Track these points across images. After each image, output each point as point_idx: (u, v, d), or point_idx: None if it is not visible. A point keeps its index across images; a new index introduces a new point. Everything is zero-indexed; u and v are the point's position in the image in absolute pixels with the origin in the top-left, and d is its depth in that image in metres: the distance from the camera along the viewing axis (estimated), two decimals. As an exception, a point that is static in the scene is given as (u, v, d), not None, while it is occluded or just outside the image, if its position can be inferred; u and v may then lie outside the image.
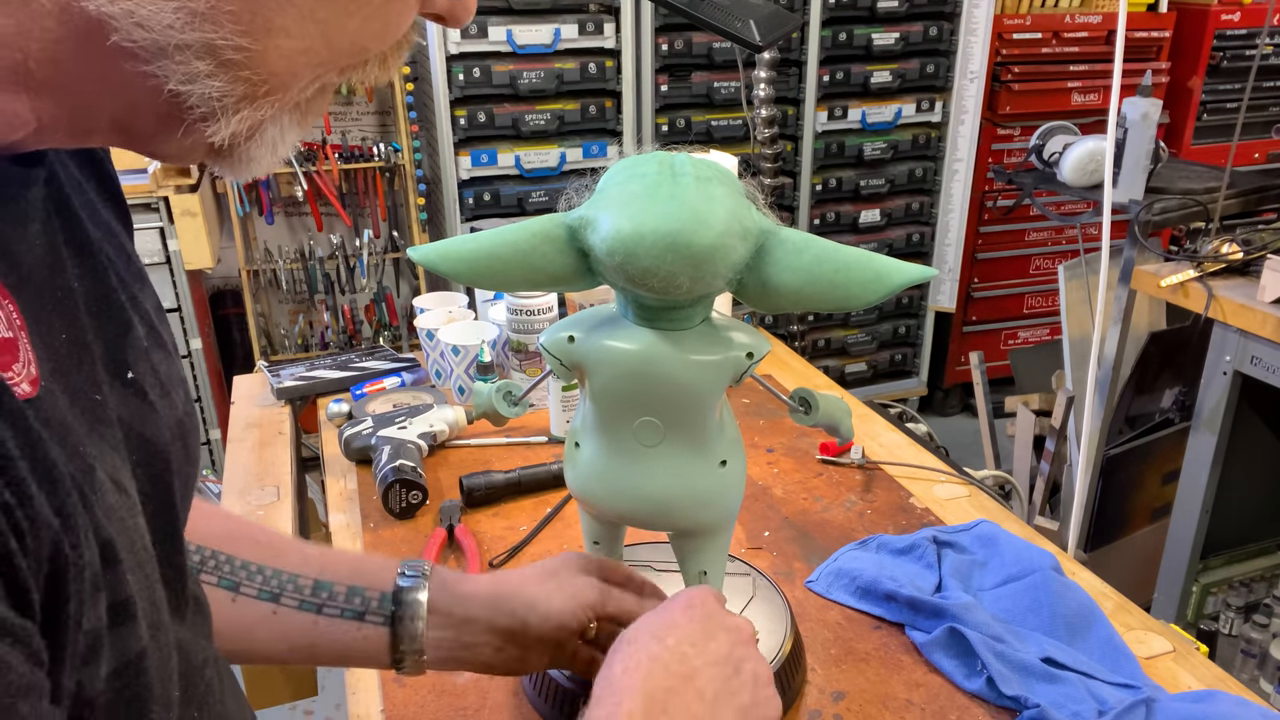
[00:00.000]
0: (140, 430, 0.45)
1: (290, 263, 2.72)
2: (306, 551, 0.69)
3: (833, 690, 0.84)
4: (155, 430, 0.46)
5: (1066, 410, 2.19)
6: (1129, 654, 0.87)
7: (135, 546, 0.40)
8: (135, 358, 0.46)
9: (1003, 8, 3.09)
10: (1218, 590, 2.04)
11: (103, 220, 0.49)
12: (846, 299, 0.64)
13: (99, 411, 0.41)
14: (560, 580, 0.71)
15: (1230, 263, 1.82)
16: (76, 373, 0.40)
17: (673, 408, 0.67)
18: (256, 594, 0.66)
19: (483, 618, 0.69)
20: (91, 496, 0.37)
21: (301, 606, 0.67)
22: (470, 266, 0.66)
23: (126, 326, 0.47)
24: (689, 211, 0.59)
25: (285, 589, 0.66)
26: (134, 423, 0.44)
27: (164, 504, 0.46)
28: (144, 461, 0.44)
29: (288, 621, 0.66)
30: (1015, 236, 3.39)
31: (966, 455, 2.93)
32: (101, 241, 0.47)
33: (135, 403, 0.45)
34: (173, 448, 0.47)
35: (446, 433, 1.25)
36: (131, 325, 0.47)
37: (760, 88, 1.88)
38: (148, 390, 0.46)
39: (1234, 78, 3.33)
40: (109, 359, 0.44)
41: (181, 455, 0.48)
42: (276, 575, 0.67)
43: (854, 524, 1.09)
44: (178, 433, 0.48)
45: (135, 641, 0.38)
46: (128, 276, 0.49)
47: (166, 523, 0.47)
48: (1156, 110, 2.03)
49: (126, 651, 0.38)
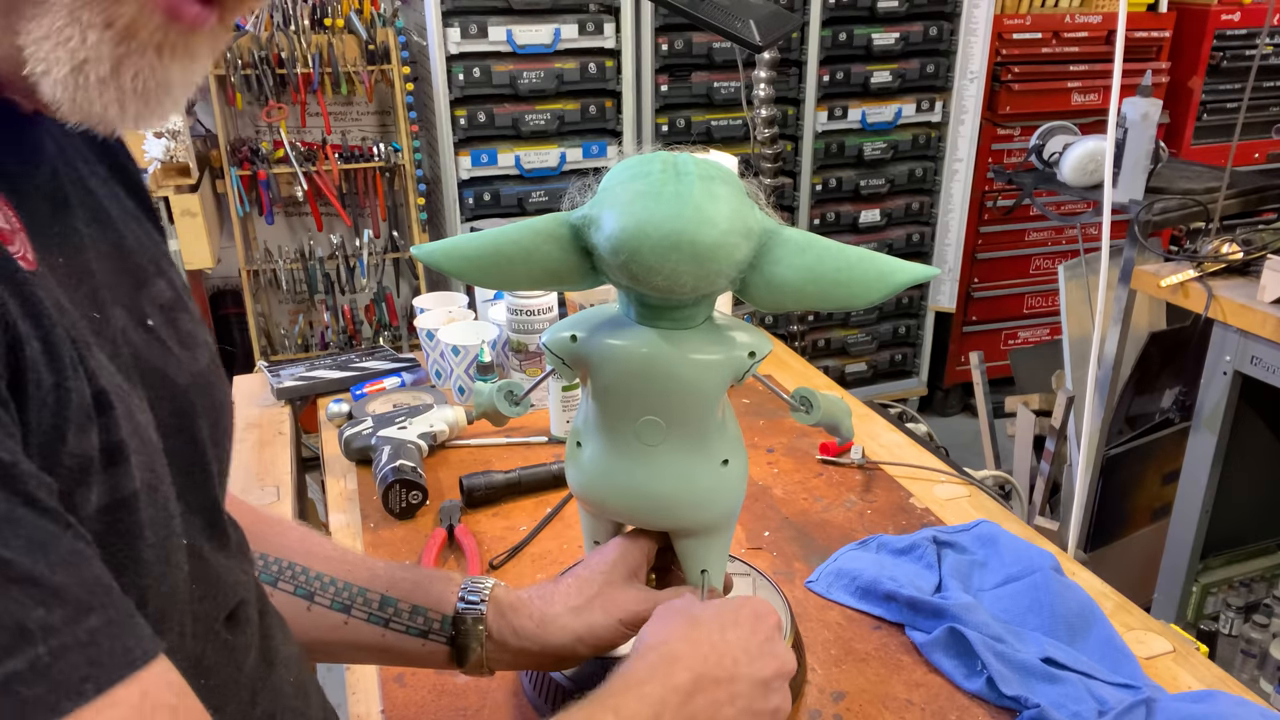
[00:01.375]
0: (159, 367, 0.48)
1: (290, 263, 2.72)
2: (374, 567, 0.73)
3: (833, 690, 0.84)
4: (175, 371, 0.49)
5: (1066, 410, 2.19)
6: (1129, 654, 0.87)
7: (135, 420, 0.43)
8: (152, 310, 0.50)
9: (1003, 8, 3.09)
10: (1218, 590, 2.04)
11: (125, 206, 0.53)
12: (849, 298, 0.64)
13: (98, 325, 0.44)
14: (604, 600, 0.70)
15: (1230, 263, 1.82)
16: (75, 289, 0.43)
17: (675, 406, 0.67)
18: (329, 604, 0.70)
19: (535, 649, 0.71)
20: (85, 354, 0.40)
21: (370, 619, 0.71)
22: (474, 264, 0.66)
23: (143, 281, 0.50)
24: (693, 210, 0.59)
25: (355, 601, 0.71)
26: (152, 360, 0.48)
27: (188, 438, 0.50)
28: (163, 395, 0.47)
29: (358, 631, 0.71)
30: (1015, 236, 3.39)
31: (966, 455, 2.93)
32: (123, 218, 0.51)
33: (155, 346, 0.48)
34: (194, 391, 0.50)
35: (446, 433, 1.25)
36: (148, 281, 0.51)
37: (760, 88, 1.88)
38: (166, 339, 0.50)
39: (1234, 78, 3.33)
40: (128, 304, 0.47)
41: (206, 401, 0.52)
42: (348, 588, 0.71)
43: (854, 524, 1.09)
44: (200, 381, 0.52)
45: (127, 482, 0.41)
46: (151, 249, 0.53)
47: (193, 456, 0.50)
48: (1156, 110, 2.03)
49: (117, 490, 0.40)
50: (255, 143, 2.61)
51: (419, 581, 0.73)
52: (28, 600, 0.32)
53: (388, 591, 0.72)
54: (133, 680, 0.34)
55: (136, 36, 0.40)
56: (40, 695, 0.31)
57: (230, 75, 2.44)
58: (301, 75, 2.50)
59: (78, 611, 0.33)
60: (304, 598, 0.70)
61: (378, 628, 0.71)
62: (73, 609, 0.33)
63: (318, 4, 2.49)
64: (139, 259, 0.51)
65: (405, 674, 0.85)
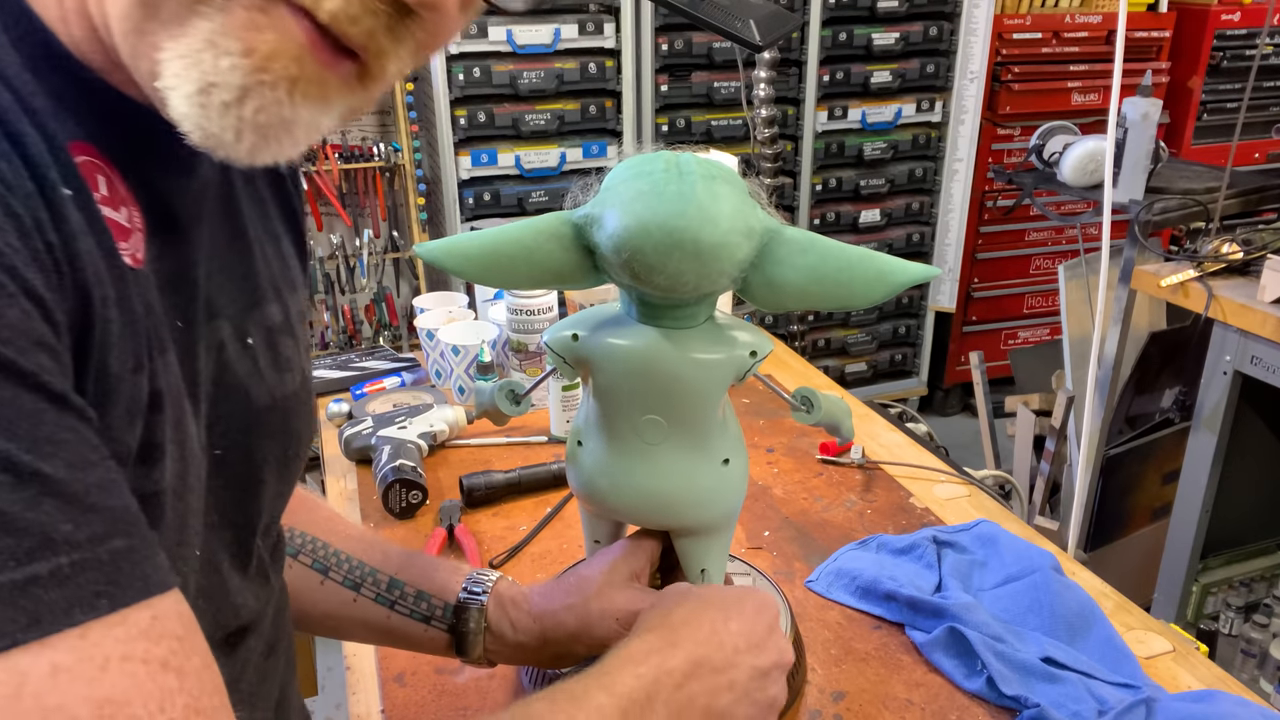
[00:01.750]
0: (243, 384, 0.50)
1: (290, 262, 2.72)
2: (389, 550, 0.76)
3: (833, 690, 0.84)
4: (258, 391, 0.51)
5: (1066, 410, 2.19)
6: (1129, 654, 0.87)
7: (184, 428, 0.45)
8: (256, 330, 0.52)
9: (1003, 8, 3.09)
10: (1218, 590, 2.04)
11: (270, 226, 0.57)
12: (850, 298, 0.64)
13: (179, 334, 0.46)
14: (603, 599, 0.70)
15: (1230, 263, 1.82)
16: (170, 295, 0.45)
17: (676, 406, 0.67)
18: (342, 581, 0.73)
19: (533, 644, 0.72)
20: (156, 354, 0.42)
21: (377, 599, 0.73)
22: (476, 263, 0.66)
23: (257, 301, 0.53)
24: (695, 209, 0.59)
25: (365, 581, 0.73)
26: (239, 376, 0.50)
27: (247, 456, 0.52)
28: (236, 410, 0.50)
29: (365, 610, 0.73)
30: (1015, 236, 3.39)
31: (966, 455, 2.93)
32: (262, 238, 0.54)
33: (247, 364, 0.51)
34: (271, 414, 0.53)
35: (446, 433, 1.25)
36: (262, 303, 0.54)
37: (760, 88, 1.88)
38: (259, 359, 0.52)
39: (1234, 78, 3.33)
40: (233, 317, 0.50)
41: (281, 425, 0.54)
42: (360, 567, 0.73)
43: (854, 524, 1.09)
44: (281, 405, 0.54)
45: (155, 482, 0.43)
46: (278, 275, 0.56)
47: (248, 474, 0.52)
48: (1156, 110, 2.03)
49: (143, 486, 0.42)
50: (255, 142, 2.60)
51: (427, 568, 0.75)
52: (58, 514, 0.34)
53: (397, 574, 0.73)
54: (145, 605, 0.36)
55: (270, 69, 0.40)
56: (56, 600, 0.33)
57: (230, 75, 2.43)
58: (301, 75, 2.49)
59: (104, 533, 0.35)
60: (319, 571, 0.73)
61: (384, 608, 0.73)
62: (100, 529, 0.35)
63: (318, 4, 2.49)
64: (261, 280, 0.54)
65: (405, 674, 0.85)
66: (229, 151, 0.41)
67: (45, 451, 0.34)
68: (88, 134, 0.42)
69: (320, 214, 2.76)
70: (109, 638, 0.34)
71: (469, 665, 0.74)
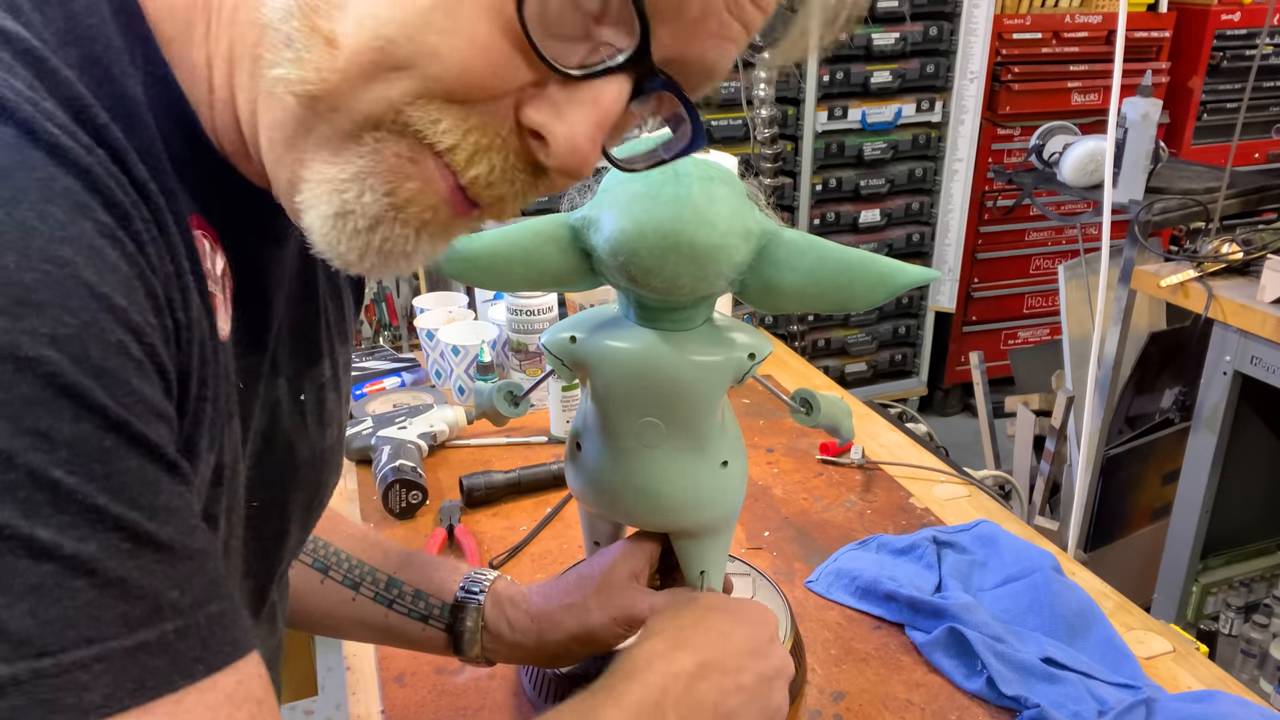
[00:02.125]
0: (291, 440, 0.52)
1: (290, 263, 2.72)
2: (388, 549, 0.76)
3: (833, 690, 0.84)
4: (302, 446, 0.53)
5: (1066, 410, 2.19)
6: (1129, 654, 0.87)
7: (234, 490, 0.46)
8: (309, 387, 0.54)
9: (1003, 8, 3.09)
10: (1218, 590, 2.04)
11: (337, 283, 0.58)
12: (849, 300, 0.64)
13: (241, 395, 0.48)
14: (601, 599, 0.70)
15: (1230, 263, 1.82)
16: (241, 359, 0.47)
17: (674, 408, 0.67)
18: (341, 580, 0.73)
19: (530, 644, 0.72)
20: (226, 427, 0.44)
21: (376, 598, 0.73)
22: (473, 266, 0.66)
23: (314, 359, 0.55)
24: (692, 211, 0.59)
25: (364, 580, 0.73)
26: (290, 432, 0.52)
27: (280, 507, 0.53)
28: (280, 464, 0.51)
29: (364, 609, 0.73)
30: (1015, 236, 3.39)
31: (966, 455, 2.93)
32: (326, 294, 0.56)
33: (297, 420, 0.53)
34: (307, 466, 0.55)
35: (446, 433, 1.25)
36: (319, 363, 0.55)
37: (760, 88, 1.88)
38: (308, 415, 0.54)
39: (1234, 78, 3.33)
40: (293, 377, 0.52)
41: (314, 476, 0.56)
42: (360, 566, 0.74)
43: (854, 524, 1.09)
44: (318, 459, 0.56)
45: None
46: (334, 330, 0.58)
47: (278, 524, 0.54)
48: (1156, 110, 2.03)
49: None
50: (255, 143, 2.61)
51: (426, 567, 0.75)
52: (168, 580, 0.35)
53: (395, 573, 0.74)
54: (232, 669, 0.37)
55: (407, 211, 0.42)
56: (161, 667, 0.34)
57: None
58: (301, 75, 2.50)
59: (204, 597, 0.36)
60: (320, 570, 0.73)
61: (382, 607, 0.73)
62: (200, 594, 0.36)
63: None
64: (319, 336, 0.56)
65: (405, 674, 0.85)
66: (350, 268, 0.43)
67: (161, 519, 0.35)
68: (203, 206, 0.44)
69: (320, 214, 2.76)
70: (201, 704, 0.35)
71: (467, 664, 0.74)
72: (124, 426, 0.34)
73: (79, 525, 0.32)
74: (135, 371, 0.35)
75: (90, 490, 0.33)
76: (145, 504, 0.35)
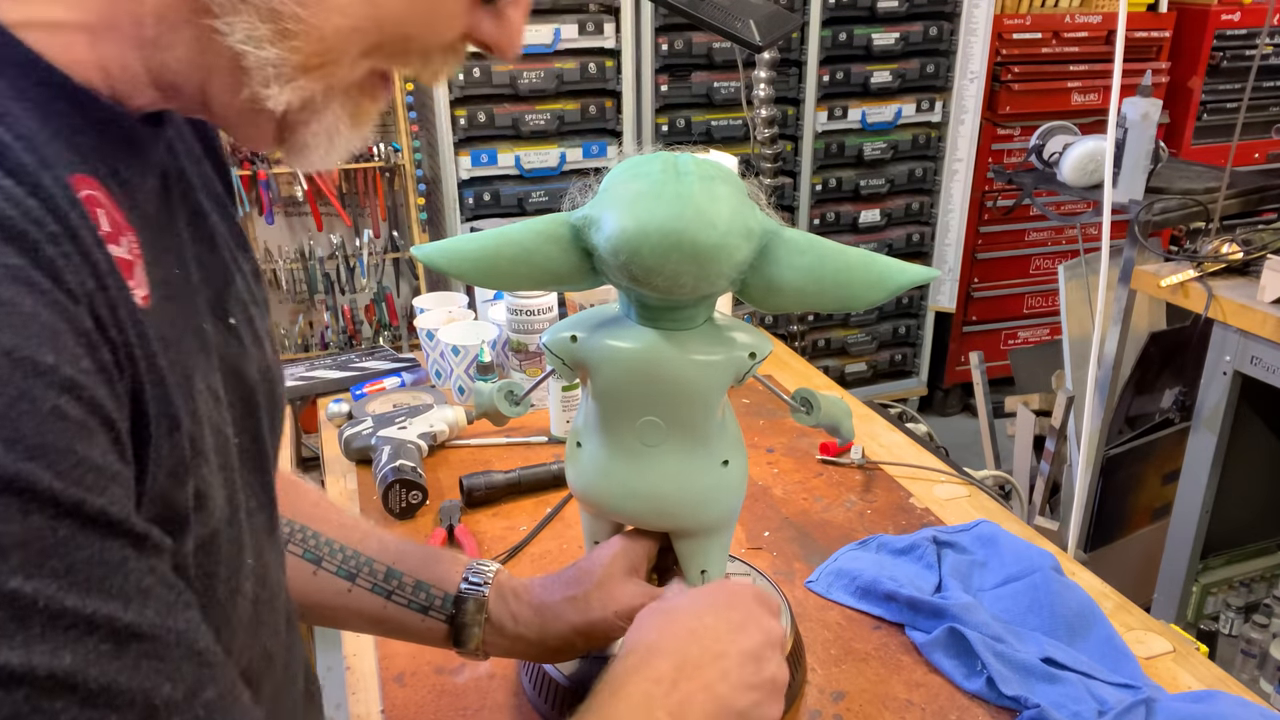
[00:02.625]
0: (236, 366, 0.51)
1: (290, 263, 2.72)
2: (385, 539, 0.75)
3: (833, 690, 0.84)
4: (248, 369, 0.52)
5: (1066, 410, 2.19)
6: (1129, 654, 0.87)
7: (220, 445, 0.45)
8: (234, 307, 0.53)
9: (1003, 8, 3.09)
10: (1218, 590, 2.04)
11: (215, 192, 0.56)
12: (849, 299, 0.64)
13: (203, 337, 0.47)
14: (602, 593, 0.71)
15: (1230, 263, 1.82)
16: (187, 302, 0.46)
17: (675, 407, 0.67)
18: (335, 571, 0.72)
19: (532, 637, 0.72)
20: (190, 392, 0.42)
21: (374, 589, 0.72)
22: (474, 265, 0.66)
23: (228, 281, 0.53)
24: (693, 210, 0.59)
25: (361, 570, 0.72)
26: (231, 359, 0.50)
27: (254, 435, 0.52)
28: (238, 394, 0.50)
29: (361, 600, 0.72)
30: (1015, 236, 3.39)
31: (966, 455, 2.93)
32: (212, 209, 0.54)
33: (234, 343, 0.51)
34: (260, 387, 0.53)
35: (446, 433, 1.25)
36: (232, 280, 0.54)
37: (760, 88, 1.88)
38: (243, 336, 0.52)
39: (1234, 78, 3.33)
40: (213, 304, 0.50)
41: (267, 395, 0.54)
42: (355, 556, 0.73)
43: (854, 524, 1.09)
44: (265, 375, 0.54)
45: (208, 522, 0.42)
46: (232, 241, 0.56)
47: (256, 452, 0.52)
48: (1156, 110, 2.03)
49: (203, 531, 0.42)
50: (255, 143, 2.60)
51: (426, 558, 0.74)
52: (157, 675, 0.33)
53: (394, 564, 0.73)
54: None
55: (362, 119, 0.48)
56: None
57: (230, 75, 2.43)
58: (301, 75, 2.50)
59: (197, 685, 0.34)
60: (312, 561, 0.72)
61: (380, 598, 0.72)
62: (192, 681, 0.34)
63: (318, 4, 2.49)
64: (224, 254, 0.54)
65: (405, 674, 0.85)
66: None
67: (138, 604, 0.33)
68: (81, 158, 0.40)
69: (320, 214, 2.76)
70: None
71: (464, 657, 0.74)
72: (78, 508, 0.31)
73: (50, 637, 0.29)
74: (78, 436, 0.32)
75: (54, 592, 0.30)
76: (118, 591, 0.32)
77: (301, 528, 0.73)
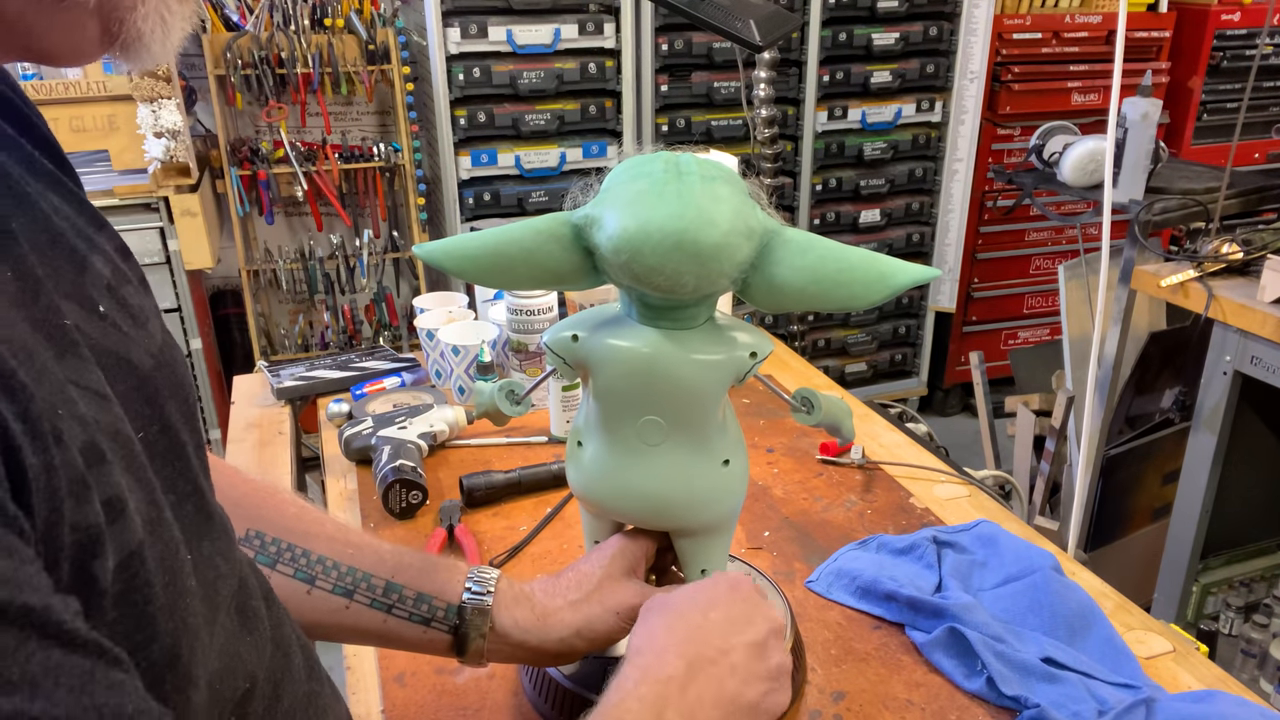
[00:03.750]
0: (119, 355, 0.46)
1: (290, 263, 2.72)
2: (381, 551, 0.72)
3: (833, 690, 0.84)
4: (137, 355, 0.47)
5: (1066, 410, 2.19)
6: (1129, 654, 0.87)
7: (122, 445, 0.41)
8: (100, 293, 0.47)
9: (1003, 8, 3.09)
10: (1218, 590, 2.04)
11: (44, 170, 0.49)
12: (850, 299, 0.64)
13: (67, 334, 0.41)
14: (602, 594, 0.71)
15: (1230, 263, 1.82)
16: (34, 304, 0.40)
17: (676, 407, 0.67)
18: (331, 589, 0.69)
19: (534, 642, 0.72)
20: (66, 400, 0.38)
21: (373, 605, 0.70)
22: (475, 264, 0.66)
23: (81, 263, 0.47)
24: (695, 210, 0.59)
25: (359, 586, 0.70)
26: (110, 350, 0.45)
27: (161, 425, 0.47)
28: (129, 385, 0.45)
29: (359, 616, 0.70)
30: (1015, 236, 3.39)
31: (966, 455, 2.93)
32: (43, 191, 0.47)
33: (111, 332, 0.46)
34: (159, 373, 0.48)
35: (446, 433, 1.25)
36: (86, 262, 0.47)
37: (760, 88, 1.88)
38: (120, 323, 0.47)
39: (1234, 78, 3.33)
40: (71, 296, 0.44)
41: (170, 380, 0.49)
42: (351, 572, 0.70)
43: (854, 524, 1.09)
44: (160, 360, 0.49)
45: (131, 535, 0.39)
46: (79, 221, 0.49)
47: (168, 443, 0.48)
48: (1156, 110, 2.03)
49: (125, 545, 0.39)
50: (255, 143, 2.61)
51: (424, 567, 0.73)
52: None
53: (393, 577, 0.71)
54: None
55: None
56: None
57: (230, 75, 2.44)
58: (301, 75, 2.50)
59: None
60: (304, 581, 0.69)
61: (380, 613, 0.70)
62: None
63: (318, 4, 2.49)
64: (70, 237, 0.47)
65: (405, 674, 0.85)
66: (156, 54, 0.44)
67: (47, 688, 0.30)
68: None
69: (320, 214, 2.76)
70: None
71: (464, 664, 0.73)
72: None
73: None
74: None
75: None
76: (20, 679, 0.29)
77: (290, 545, 0.70)
